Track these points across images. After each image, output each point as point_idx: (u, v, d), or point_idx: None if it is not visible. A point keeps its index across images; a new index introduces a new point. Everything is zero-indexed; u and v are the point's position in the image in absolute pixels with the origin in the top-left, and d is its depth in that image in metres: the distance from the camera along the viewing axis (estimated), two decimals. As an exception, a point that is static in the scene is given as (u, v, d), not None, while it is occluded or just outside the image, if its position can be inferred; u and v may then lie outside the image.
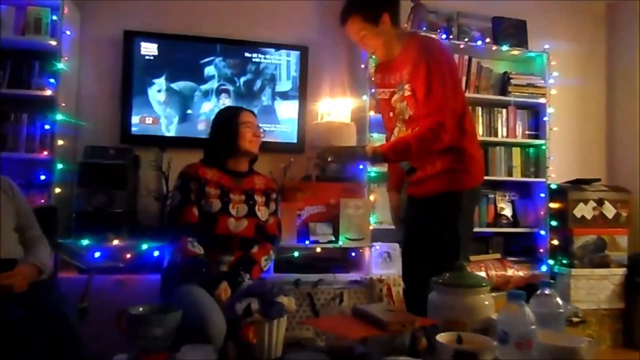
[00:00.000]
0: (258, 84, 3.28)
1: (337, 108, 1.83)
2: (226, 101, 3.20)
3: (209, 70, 3.20)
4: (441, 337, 1.20)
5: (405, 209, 2.20)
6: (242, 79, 3.26)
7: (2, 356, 1.51)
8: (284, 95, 3.32)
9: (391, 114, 2.06)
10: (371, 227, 3.06)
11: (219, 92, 3.22)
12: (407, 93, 1.93)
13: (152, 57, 3.11)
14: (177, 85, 3.16)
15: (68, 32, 2.87)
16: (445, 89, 1.85)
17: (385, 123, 2.17)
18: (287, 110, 3.32)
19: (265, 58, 3.28)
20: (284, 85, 3.32)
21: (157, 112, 3.13)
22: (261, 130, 2.25)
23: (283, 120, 3.31)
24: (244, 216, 2.10)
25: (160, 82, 3.13)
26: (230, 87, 3.23)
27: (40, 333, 1.59)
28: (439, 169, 1.94)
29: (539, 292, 1.38)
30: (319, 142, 1.87)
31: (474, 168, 1.97)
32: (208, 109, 3.19)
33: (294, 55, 3.32)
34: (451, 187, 1.93)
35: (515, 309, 1.18)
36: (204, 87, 3.20)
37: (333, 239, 3.00)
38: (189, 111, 3.18)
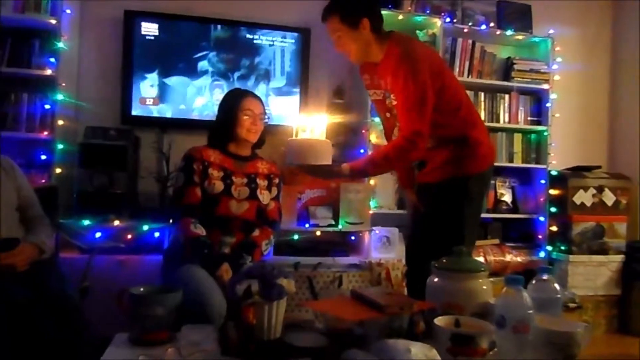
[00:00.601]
0: (252, 79, 3.24)
1: (313, 124, 1.75)
2: (220, 96, 3.14)
3: (203, 65, 3.16)
4: (439, 321, 1.22)
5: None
6: (236, 75, 3.21)
7: (7, 335, 1.52)
8: (282, 79, 3.30)
9: (388, 115, 2.05)
10: (371, 212, 3.07)
11: (212, 87, 3.18)
12: (394, 102, 1.93)
13: (152, 37, 3.08)
14: (169, 81, 3.12)
15: (68, 11, 2.84)
16: (425, 96, 1.81)
17: (383, 122, 2.16)
18: (288, 95, 3.30)
19: (266, 40, 3.25)
20: (281, 75, 3.29)
21: (150, 109, 3.10)
22: (265, 117, 2.22)
23: (284, 104, 3.30)
24: (246, 199, 2.12)
25: (153, 76, 3.08)
26: (225, 82, 3.19)
27: (44, 312, 1.60)
28: (446, 157, 1.95)
29: (537, 277, 1.39)
30: (294, 160, 1.79)
31: (480, 153, 1.97)
32: (201, 104, 3.16)
33: (296, 37, 3.29)
34: (458, 172, 1.94)
35: (513, 294, 1.19)
36: (197, 82, 3.15)
37: (333, 222, 3.01)
38: (182, 106, 3.14)
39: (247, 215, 2.11)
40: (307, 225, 2.97)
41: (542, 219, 3.50)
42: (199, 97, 3.17)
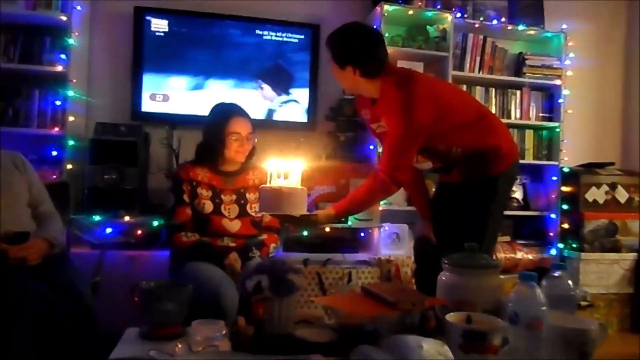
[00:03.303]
0: (262, 74, 3.24)
1: (288, 169, 1.66)
2: (230, 92, 3.17)
3: (212, 60, 3.16)
4: (451, 317, 1.21)
5: (435, 191, 2.23)
6: (246, 70, 3.21)
7: (24, 326, 1.54)
8: (292, 75, 3.30)
9: None
10: (380, 208, 3.05)
11: (222, 83, 3.19)
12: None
13: (162, 34, 3.09)
14: (179, 77, 3.12)
15: (79, 8, 2.85)
16: (414, 141, 1.80)
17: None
18: (299, 90, 3.30)
19: (275, 36, 3.25)
20: (291, 71, 3.29)
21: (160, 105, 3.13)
22: (252, 136, 2.15)
23: (294, 100, 3.30)
24: (237, 217, 2.11)
25: (163, 73, 3.10)
26: (234, 78, 3.20)
27: (57, 305, 1.61)
28: (469, 165, 1.94)
29: (550, 274, 1.37)
30: (267, 210, 1.72)
31: (501, 154, 1.94)
32: (210, 100, 3.06)
33: (306, 33, 3.28)
34: (485, 173, 1.93)
35: (526, 290, 1.18)
36: (206, 78, 3.16)
37: (342, 219, 2.99)
38: (191, 103, 3.14)
39: (242, 232, 2.10)
40: (316, 222, 2.96)
41: (553, 216, 3.47)
42: (208, 93, 3.17)
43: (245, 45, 3.22)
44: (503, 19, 3.46)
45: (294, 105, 3.30)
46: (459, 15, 3.32)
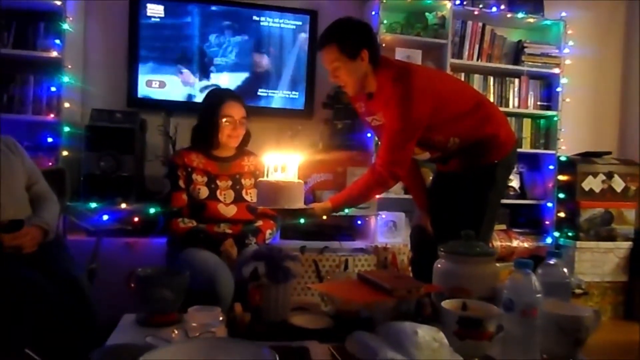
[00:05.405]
0: (259, 60, 3.22)
1: (285, 162, 1.65)
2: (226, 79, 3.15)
3: (209, 46, 3.13)
4: (446, 304, 1.21)
5: (432, 181, 2.23)
6: (243, 56, 3.19)
7: (20, 315, 1.54)
8: (290, 62, 3.27)
9: None
10: (377, 196, 3.05)
11: (218, 69, 3.16)
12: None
13: (158, 19, 3.06)
14: (176, 63, 3.09)
15: (73, -8, 2.82)
16: (412, 135, 1.80)
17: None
18: (296, 78, 3.28)
19: (273, 22, 3.22)
20: (288, 58, 3.27)
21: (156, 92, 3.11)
22: (245, 120, 2.17)
23: (290, 87, 3.28)
24: (232, 202, 2.11)
25: (159, 59, 3.07)
26: (231, 64, 3.17)
27: (53, 293, 1.61)
28: (467, 154, 1.94)
29: (545, 262, 1.38)
30: (265, 204, 1.71)
31: (499, 142, 1.93)
32: (207, 86, 3.10)
33: (303, 19, 3.25)
34: (482, 162, 1.93)
35: (522, 278, 1.18)
36: (203, 64, 3.13)
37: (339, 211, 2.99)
38: (188, 89, 3.12)
39: (238, 217, 2.10)
40: (313, 210, 2.96)
41: (550, 204, 3.48)
42: (205, 79, 3.15)
43: (242, 31, 3.18)
44: (502, 7, 3.43)
45: (291, 93, 3.28)
46: (458, 2, 3.29)
